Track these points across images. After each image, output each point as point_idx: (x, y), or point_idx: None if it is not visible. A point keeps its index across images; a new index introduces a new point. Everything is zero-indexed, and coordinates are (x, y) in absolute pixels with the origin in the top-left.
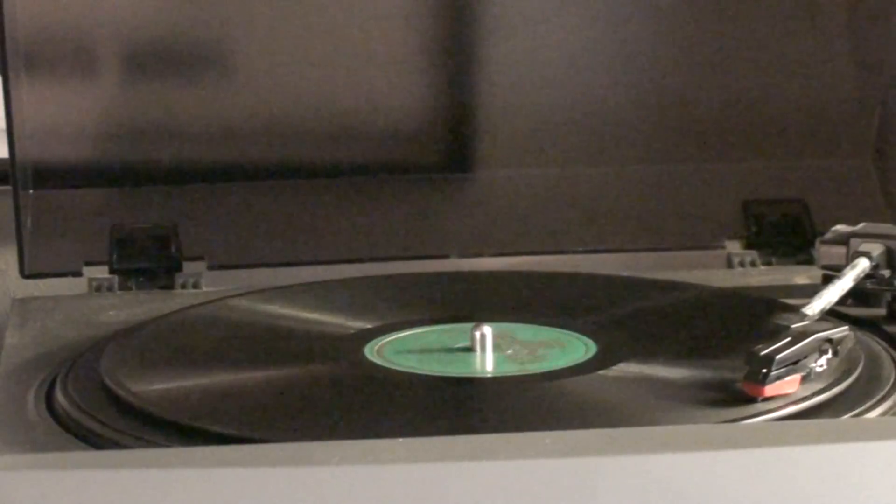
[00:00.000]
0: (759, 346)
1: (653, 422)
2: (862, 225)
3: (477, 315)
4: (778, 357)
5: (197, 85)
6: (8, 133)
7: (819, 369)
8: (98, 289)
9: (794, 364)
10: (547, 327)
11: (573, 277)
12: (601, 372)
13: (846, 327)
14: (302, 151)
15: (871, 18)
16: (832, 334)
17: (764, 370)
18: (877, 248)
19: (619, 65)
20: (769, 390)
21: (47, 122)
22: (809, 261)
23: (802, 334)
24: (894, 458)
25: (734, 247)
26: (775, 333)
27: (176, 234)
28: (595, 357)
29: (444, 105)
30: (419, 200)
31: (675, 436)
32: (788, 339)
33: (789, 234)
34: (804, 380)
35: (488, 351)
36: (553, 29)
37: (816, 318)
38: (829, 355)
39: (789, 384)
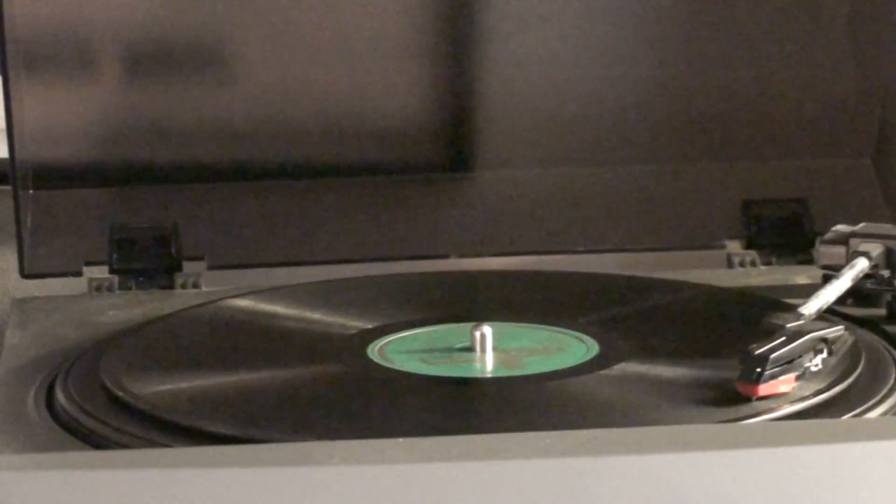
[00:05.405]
0: (754, 345)
1: (653, 422)
2: (862, 225)
3: (477, 315)
4: (772, 356)
5: (197, 85)
6: (8, 133)
7: (814, 369)
8: (98, 289)
9: (788, 363)
10: (547, 327)
11: (573, 277)
12: (601, 372)
13: (841, 327)
14: (302, 151)
15: (871, 18)
16: (827, 334)
17: (758, 369)
18: (876, 248)
19: (618, 64)
20: (763, 390)
21: (47, 122)
22: (809, 261)
23: (797, 334)
24: (894, 458)
25: (734, 247)
26: (771, 333)
27: (176, 234)
28: (595, 357)
29: (444, 105)
30: (419, 200)
31: (675, 436)
32: (783, 338)
33: (789, 234)
34: (799, 379)
35: (488, 351)
36: (553, 29)
37: (813, 317)
38: (825, 355)
39: (784, 383)
